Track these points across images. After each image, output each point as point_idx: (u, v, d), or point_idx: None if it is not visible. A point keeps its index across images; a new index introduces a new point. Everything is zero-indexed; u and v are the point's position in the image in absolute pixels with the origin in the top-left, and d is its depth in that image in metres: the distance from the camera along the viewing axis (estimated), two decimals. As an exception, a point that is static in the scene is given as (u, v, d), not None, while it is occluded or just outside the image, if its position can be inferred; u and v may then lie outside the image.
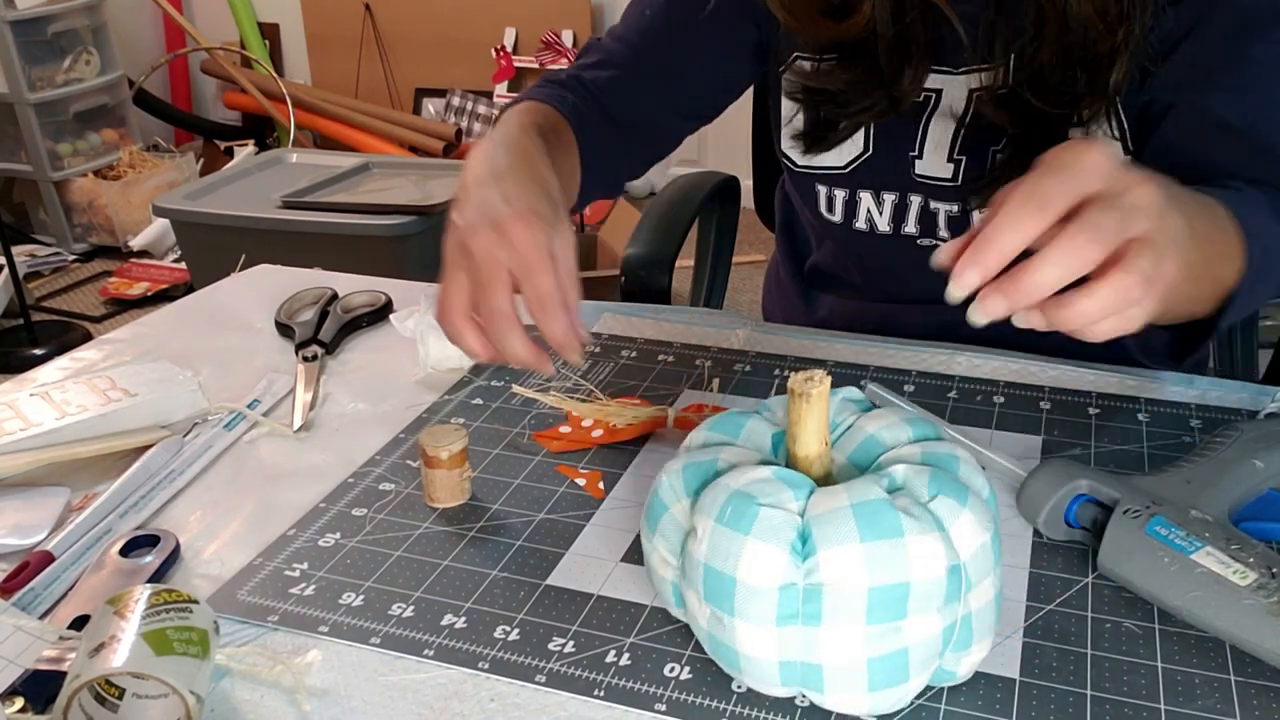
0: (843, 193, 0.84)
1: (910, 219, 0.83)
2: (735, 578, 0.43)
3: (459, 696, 0.48)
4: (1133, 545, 0.51)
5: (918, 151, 0.80)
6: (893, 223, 0.83)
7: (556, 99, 0.83)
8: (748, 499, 0.44)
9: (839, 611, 0.42)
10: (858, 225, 0.84)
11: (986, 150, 0.77)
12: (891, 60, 0.76)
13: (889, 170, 0.81)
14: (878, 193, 0.83)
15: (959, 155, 0.79)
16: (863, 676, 0.43)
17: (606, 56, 0.88)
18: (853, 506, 0.43)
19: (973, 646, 0.45)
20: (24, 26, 2.92)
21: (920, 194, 0.81)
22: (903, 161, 0.80)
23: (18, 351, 2.47)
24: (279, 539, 0.59)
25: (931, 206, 0.81)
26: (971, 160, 0.78)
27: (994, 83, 0.75)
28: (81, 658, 0.44)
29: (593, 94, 0.86)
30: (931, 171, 0.80)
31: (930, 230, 0.82)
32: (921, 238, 0.83)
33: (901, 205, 0.82)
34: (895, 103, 0.78)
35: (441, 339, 0.75)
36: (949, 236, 0.81)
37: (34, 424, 0.67)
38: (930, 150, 0.79)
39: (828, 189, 0.84)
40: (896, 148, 0.80)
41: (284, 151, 2.38)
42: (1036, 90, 0.72)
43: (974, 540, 0.44)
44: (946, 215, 0.81)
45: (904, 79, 0.76)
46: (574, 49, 3.28)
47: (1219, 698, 0.46)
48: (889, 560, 0.42)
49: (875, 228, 0.84)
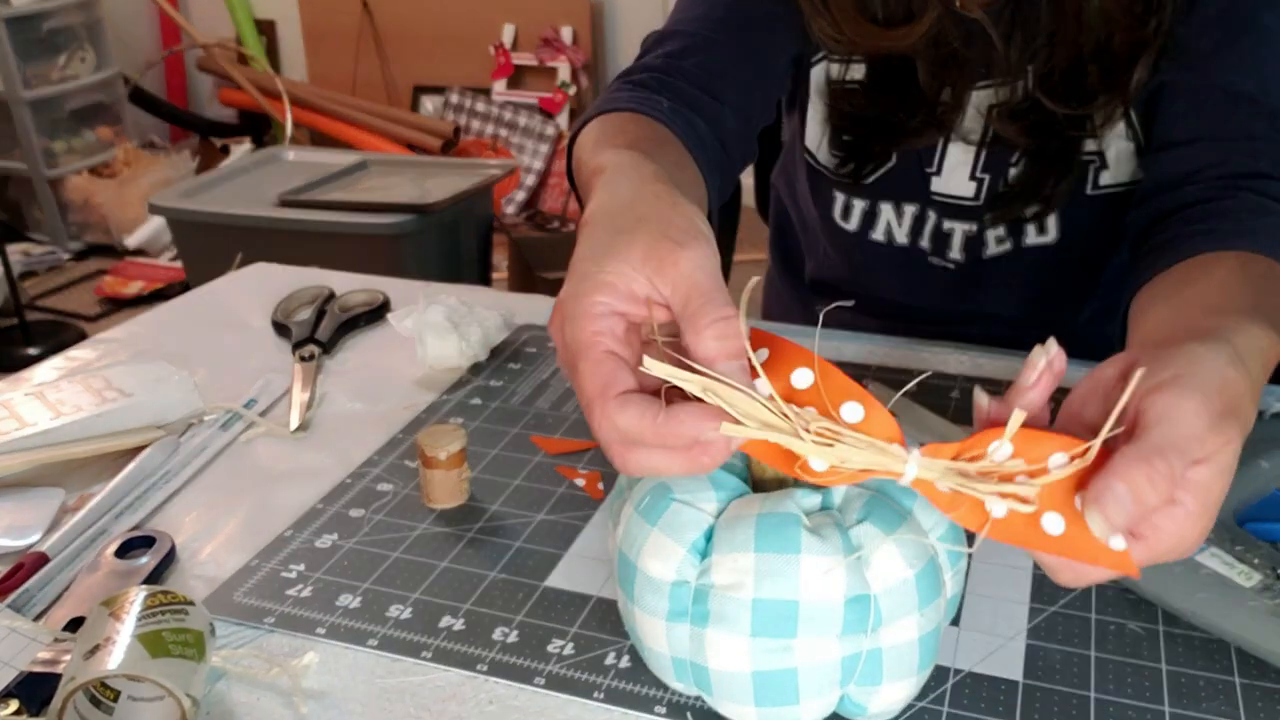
0: (863, 203, 0.82)
1: (925, 234, 0.82)
2: (636, 565, 0.44)
3: (457, 699, 0.47)
4: None
5: (935, 169, 0.79)
6: (910, 235, 0.82)
7: (652, 107, 0.69)
8: (665, 491, 0.45)
9: (724, 617, 0.42)
10: (874, 236, 0.83)
11: (1005, 167, 0.76)
12: (931, 77, 0.74)
13: (909, 182, 0.80)
14: (898, 204, 0.81)
15: (981, 174, 0.78)
16: (748, 688, 0.42)
17: (687, 44, 0.77)
18: (758, 516, 0.43)
19: (883, 684, 0.43)
20: (19, 23, 2.91)
21: (936, 211, 0.80)
22: (921, 175, 0.79)
23: (12, 351, 2.46)
24: (276, 540, 0.59)
25: (945, 226, 0.80)
26: (995, 179, 0.77)
27: (1011, 98, 0.73)
28: (76, 660, 0.43)
29: (685, 94, 0.73)
30: (951, 190, 0.79)
31: (941, 250, 0.82)
32: (932, 255, 0.82)
33: (920, 219, 0.81)
34: (941, 125, 0.75)
35: (439, 337, 0.75)
36: (961, 259, 0.81)
37: (28, 424, 0.66)
38: (950, 169, 0.78)
39: (846, 197, 0.83)
40: (915, 161, 0.79)
41: (281, 149, 2.37)
42: (1052, 95, 0.71)
43: (894, 574, 0.42)
44: (964, 235, 0.80)
45: (944, 97, 0.74)
46: (573, 46, 3.27)
47: (1223, 700, 0.45)
48: (779, 574, 0.41)
49: (893, 239, 0.83)
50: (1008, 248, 0.80)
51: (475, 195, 2.03)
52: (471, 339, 0.76)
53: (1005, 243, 0.80)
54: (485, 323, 0.78)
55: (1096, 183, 0.76)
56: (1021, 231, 0.79)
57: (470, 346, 0.76)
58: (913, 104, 0.75)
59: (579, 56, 3.27)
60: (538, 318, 0.85)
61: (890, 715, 0.45)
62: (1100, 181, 0.76)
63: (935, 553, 0.44)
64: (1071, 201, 0.76)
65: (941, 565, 0.44)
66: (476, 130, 3.36)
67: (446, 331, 0.76)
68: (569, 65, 3.28)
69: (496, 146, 3.29)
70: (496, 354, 0.79)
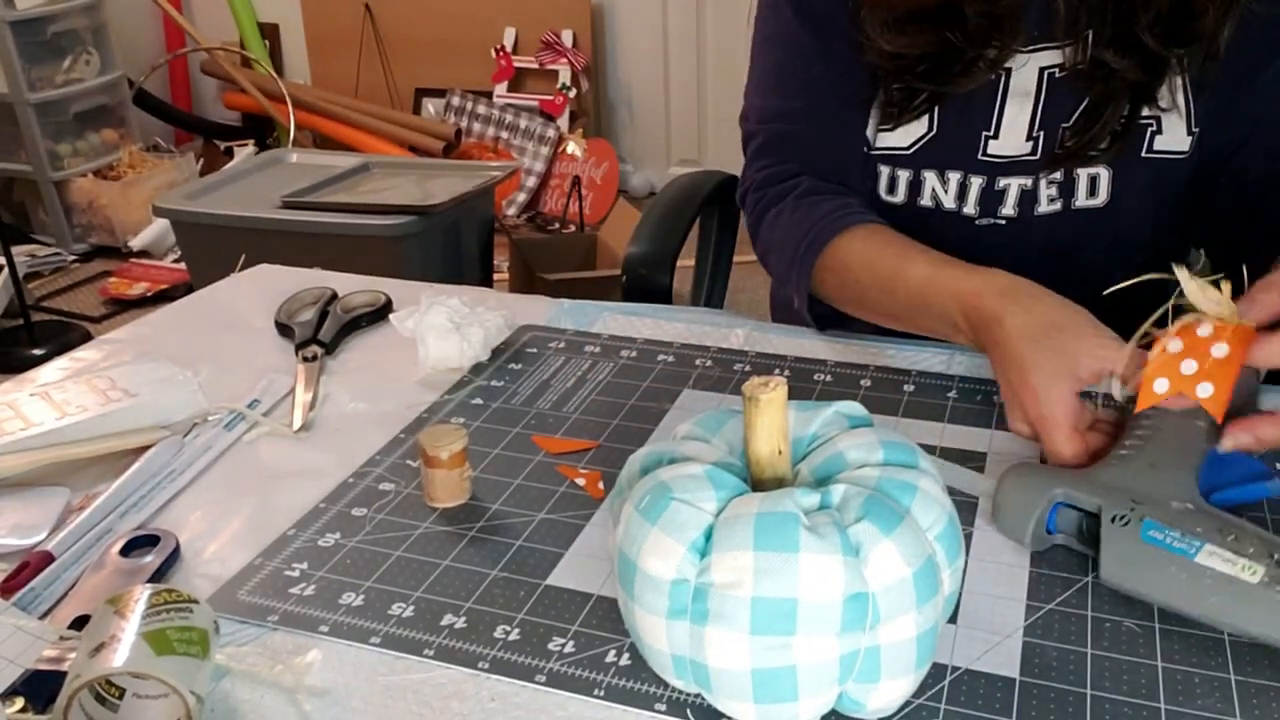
0: (906, 173, 0.83)
1: (970, 199, 0.82)
2: (636, 564, 0.44)
3: (459, 696, 0.48)
4: (1133, 556, 0.51)
5: (993, 131, 0.79)
6: (956, 200, 0.83)
7: (858, 215, 0.80)
8: (664, 491, 0.45)
9: (724, 615, 0.42)
10: (922, 202, 0.84)
11: (1062, 122, 0.78)
12: (981, 30, 0.75)
13: (955, 150, 0.81)
14: (943, 172, 0.82)
15: (1038, 132, 0.79)
16: (747, 686, 0.43)
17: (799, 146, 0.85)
18: (757, 515, 0.43)
19: (881, 682, 0.43)
20: (24, 27, 2.92)
21: (984, 174, 0.81)
22: (971, 141, 0.80)
23: (18, 351, 2.47)
24: (279, 539, 0.59)
25: (999, 185, 0.81)
26: (1049, 136, 0.79)
27: (1074, 59, 0.75)
28: (82, 658, 0.44)
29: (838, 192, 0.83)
30: (1008, 150, 0.80)
31: (991, 210, 0.82)
32: (981, 218, 0.83)
33: (964, 185, 0.82)
34: (973, 75, 0.77)
35: (441, 338, 0.76)
36: (1015, 214, 0.82)
37: (34, 424, 0.67)
38: (1006, 128, 0.79)
39: (890, 169, 0.83)
40: (967, 127, 0.80)
41: (284, 151, 2.38)
42: (1125, 49, 0.73)
43: (892, 572, 0.43)
44: (1019, 189, 0.81)
45: (990, 52, 0.76)
46: (574, 49, 3.28)
47: (1219, 697, 0.46)
48: (778, 573, 0.42)
49: (941, 205, 0.83)
50: (1058, 207, 0.81)
51: (476, 197, 2.04)
52: (473, 339, 0.77)
53: (1056, 202, 0.81)
54: (486, 323, 0.78)
55: (1151, 146, 0.78)
56: (1073, 192, 0.80)
57: (471, 347, 0.77)
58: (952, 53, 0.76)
59: (580, 59, 3.28)
60: (538, 318, 0.86)
61: (888, 712, 0.45)
62: (1155, 146, 0.77)
63: (933, 551, 0.44)
64: (1125, 164, 0.78)
65: (939, 564, 0.45)
66: (478, 133, 3.37)
67: (448, 332, 0.76)
68: (570, 68, 3.28)
69: (498, 149, 3.30)
70: (497, 354, 0.80)
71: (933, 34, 0.76)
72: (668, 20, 3.27)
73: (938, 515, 0.46)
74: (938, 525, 0.45)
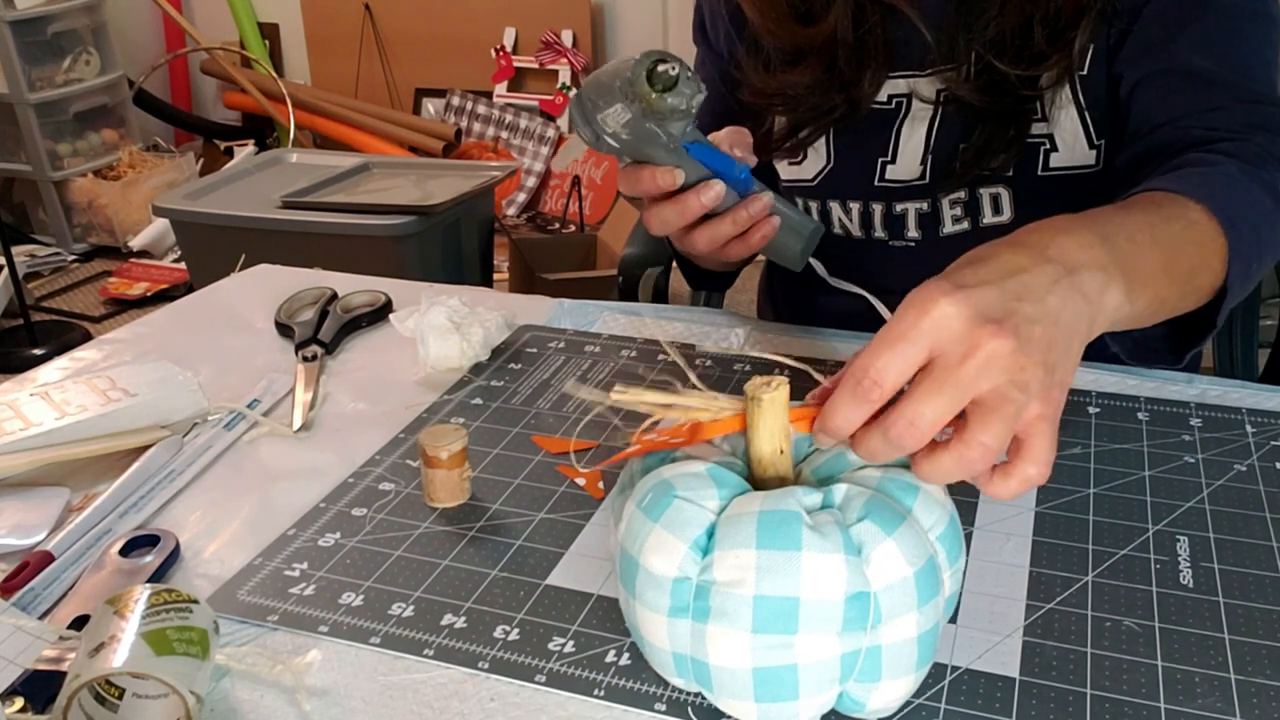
0: (815, 204, 0.86)
1: (877, 225, 0.84)
2: (638, 562, 0.44)
3: (459, 696, 0.48)
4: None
5: (890, 157, 0.81)
6: (863, 229, 0.85)
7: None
8: (667, 488, 0.45)
9: (725, 613, 0.42)
10: (835, 231, 0.86)
11: (955, 146, 0.79)
12: (851, 64, 0.78)
13: (851, 180, 0.83)
14: (844, 202, 0.85)
15: (928, 156, 0.80)
16: (748, 684, 0.43)
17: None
18: (760, 513, 0.43)
19: (882, 681, 0.43)
20: (24, 26, 2.92)
21: (883, 200, 0.83)
22: (866, 170, 0.82)
23: (18, 351, 2.47)
24: (279, 539, 0.59)
25: (898, 209, 0.83)
26: (939, 158, 0.80)
27: (960, 80, 0.76)
28: (81, 658, 0.44)
29: None
30: (902, 175, 0.81)
31: (899, 233, 0.84)
32: (893, 240, 0.85)
33: (866, 213, 0.84)
34: (855, 106, 0.79)
35: (441, 338, 0.76)
36: (919, 236, 0.83)
37: (34, 424, 0.67)
38: (903, 154, 0.81)
39: (802, 201, 0.87)
40: (861, 157, 0.82)
41: (284, 151, 2.38)
42: (1002, 58, 0.73)
43: (894, 572, 0.42)
44: (917, 213, 0.82)
45: (864, 82, 0.78)
46: (574, 49, 3.28)
47: (1219, 696, 0.46)
48: (780, 571, 0.42)
49: (850, 233, 0.86)
50: (965, 227, 0.82)
51: (476, 197, 2.04)
52: (473, 339, 0.77)
53: (963, 222, 0.82)
54: (486, 323, 0.78)
55: (1047, 165, 0.78)
56: (978, 211, 0.81)
57: (471, 347, 0.77)
58: (828, 86, 0.79)
59: (580, 59, 3.28)
60: (539, 318, 0.86)
61: (889, 712, 0.45)
62: (1051, 164, 0.78)
63: (935, 551, 0.44)
64: (1024, 182, 0.78)
65: (941, 564, 0.45)
66: (478, 132, 3.37)
67: (448, 332, 0.76)
68: (570, 68, 3.28)
69: (497, 148, 3.30)
70: (498, 354, 0.80)
71: (805, 73, 0.79)
72: (668, 20, 3.27)
73: (939, 516, 0.46)
74: (939, 526, 0.45)
